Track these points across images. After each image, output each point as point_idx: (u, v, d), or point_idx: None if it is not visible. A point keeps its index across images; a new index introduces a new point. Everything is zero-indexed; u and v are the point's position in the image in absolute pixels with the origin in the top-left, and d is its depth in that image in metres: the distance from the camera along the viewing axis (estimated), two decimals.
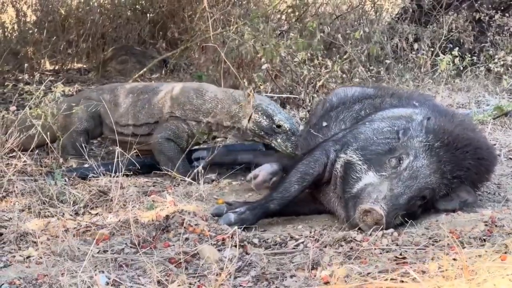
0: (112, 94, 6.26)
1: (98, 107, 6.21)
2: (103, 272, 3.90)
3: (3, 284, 3.80)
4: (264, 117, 5.73)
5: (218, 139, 6.11)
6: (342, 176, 4.78)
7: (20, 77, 8.99)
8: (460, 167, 4.72)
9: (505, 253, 3.82)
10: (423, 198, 4.60)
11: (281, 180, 5.10)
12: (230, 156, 6.14)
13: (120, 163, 5.29)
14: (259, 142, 5.96)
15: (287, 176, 5.02)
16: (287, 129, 5.69)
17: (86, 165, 5.82)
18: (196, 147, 6.12)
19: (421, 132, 4.74)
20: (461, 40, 9.30)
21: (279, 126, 5.69)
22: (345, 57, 8.27)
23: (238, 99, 5.86)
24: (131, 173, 5.66)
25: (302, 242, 4.41)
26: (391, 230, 4.37)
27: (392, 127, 4.94)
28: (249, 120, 5.78)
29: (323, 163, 4.97)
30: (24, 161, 5.57)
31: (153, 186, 5.68)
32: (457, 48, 8.41)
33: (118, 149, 5.46)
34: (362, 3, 10.17)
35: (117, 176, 5.17)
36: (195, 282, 3.81)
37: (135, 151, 5.82)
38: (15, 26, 10.64)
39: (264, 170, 5.61)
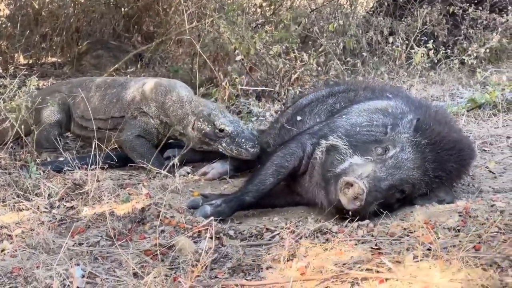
0: (80, 88, 6.24)
1: (67, 100, 6.20)
2: (78, 264, 3.89)
3: None
4: (206, 123, 5.72)
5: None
6: (324, 161, 4.78)
7: None
8: (443, 169, 4.76)
9: (479, 243, 3.85)
10: (402, 192, 4.62)
11: (256, 172, 5.10)
12: (199, 155, 6.12)
13: (96, 156, 5.28)
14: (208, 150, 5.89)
15: (263, 168, 5.02)
16: (230, 132, 5.66)
17: (61, 159, 5.80)
18: (170, 141, 6.11)
19: (409, 129, 4.77)
20: (435, 33, 9.35)
21: (221, 130, 5.67)
22: (320, 50, 8.28)
23: (185, 105, 5.88)
24: (107, 166, 5.64)
25: (278, 234, 4.43)
26: (366, 221, 4.39)
27: (371, 121, 4.98)
28: (193, 128, 5.78)
29: (299, 157, 4.98)
30: None
31: (129, 179, 5.67)
32: (432, 41, 8.45)
33: (95, 142, 5.44)
34: None
35: (92, 169, 5.16)
36: (171, 274, 3.81)
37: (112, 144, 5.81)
38: None
39: (215, 169, 5.70)
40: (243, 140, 5.64)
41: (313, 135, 5.06)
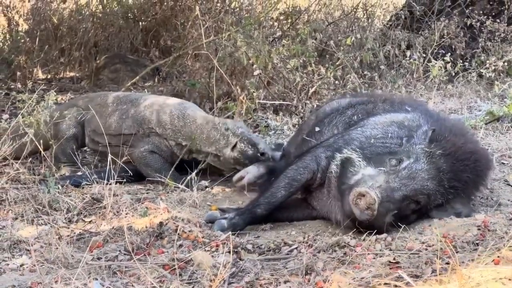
0: (95, 103, 6.25)
1: (83, 116, 6.21)
2: (97, 279, 3.89)
3: None
4: (250, 146, 5.81)
5: None
6: (339, 175, 4.78)
7: (13, 86, 9.00)
8: (459, 179, 4.75)
9: (498, 257, 3.83)
10: (417, 203, 4.61)
11: (269, 184, 5.11)
12: None
13: (113, 171, 5.30)
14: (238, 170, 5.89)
15: (276, 180, 5.03)
16: (269, 156, 5.80)
17: (79, 173, 5.83)
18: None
19: (424, 140, 4.77)
20: (453, 46, 9.34)
21: (263, 154, 5.78)
22: (337, 63, 8.28)
23: (218, 126, 5.90)
24: (124, 180, 5.66)
25: (296, 248, 4.42)
26: (384, 235, 4.38)
27: (385, 133, 4.98)
28: (233, 149, 5.82)
29: (312, 170, 4.98)
30: (17, 169, 5.56)
31: (147, 193, 5.68)
32: (449, 54, 8.44)
33: (109, 157, 5.45)
34: (354, 10, 10.21)
35: (110, 184, 5.18)
36: None
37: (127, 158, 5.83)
38: (7, 35, 10.64)
39: (251, 173, 5.67)
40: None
41: (328, 148, 5.06)
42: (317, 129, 5.60)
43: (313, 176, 4.98)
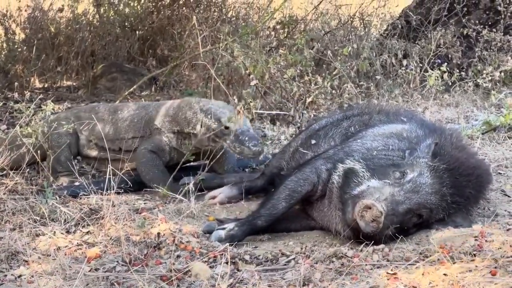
0: (93, 113, 6.28)
1: (75, 126, 6.25)
2: None
3: None
4: (213, 120, 5.81)
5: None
6: (342, 185, 4.78)
7: (10, 96, 8.99)
8: (461, 194, 4.77)
9: (495, 267, 3.84)
10: (420, 217, 4.61)
11: (269, 196, 5.11)
12: (216, 180, 6.13)
13: (111, 181, 5.30)
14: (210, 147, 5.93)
15: (276, 192, 5.03)
16: (234, 130, 5.74)
17: (76, 183, 5.83)
18: (186, 165, 6.13)
19: (427, 154, 4.78)
20: (449, 56, 9.37)
21: (227, 128, 5.76)
22: (334, 73, 8.28)
23: (193, 105, 5.97)
24: (122, 190, 5.66)
25: (293, 259, 4.42)
26: (382, 246, 4.39)
27: (386, 145, 5.00)
28: (201, 125, 5.86)
29: (312, 182, 4.98)
30: (15, 180, 5.56)
31: (144, 203, 5.67)
32: (446, 63, 8.45)
33: (109, 167, 5.45)
34: (351, 19, 10.23)
35: (108, 194, 5.18)
36: None
37: (127, 168, 5.85)
38: (4, 44, 10.65)
39: (223, 194, 5.74)
40: (246, 138, 5.72)
41: (328, 160, 5.06)
42: (313, 141, 5.61)
43: (313, 188, 4.98)
